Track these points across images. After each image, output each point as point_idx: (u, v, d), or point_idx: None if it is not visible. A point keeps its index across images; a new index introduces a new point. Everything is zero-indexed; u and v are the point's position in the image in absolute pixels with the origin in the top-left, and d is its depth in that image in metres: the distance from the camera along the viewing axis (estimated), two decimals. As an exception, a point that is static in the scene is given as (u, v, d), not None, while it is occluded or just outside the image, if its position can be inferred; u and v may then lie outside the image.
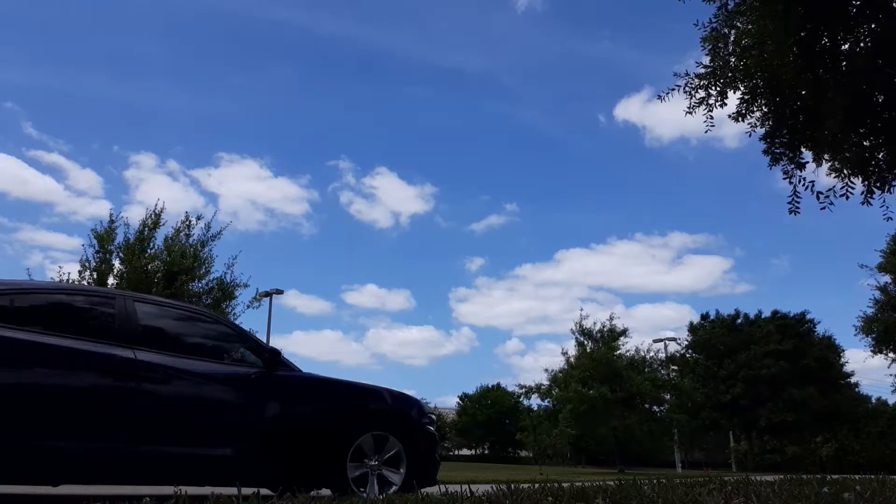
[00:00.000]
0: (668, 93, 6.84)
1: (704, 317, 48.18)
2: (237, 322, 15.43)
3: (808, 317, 46.33)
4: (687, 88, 6.77)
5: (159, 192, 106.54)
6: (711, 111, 6.73)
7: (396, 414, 5.56)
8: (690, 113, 6.76)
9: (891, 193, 6.53)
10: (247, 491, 3.49)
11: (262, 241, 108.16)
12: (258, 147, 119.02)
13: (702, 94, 6.71)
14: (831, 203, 6.51)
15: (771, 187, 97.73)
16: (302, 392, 5.28)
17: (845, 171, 6.55)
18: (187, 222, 15.41)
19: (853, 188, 6.48)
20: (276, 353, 5.21)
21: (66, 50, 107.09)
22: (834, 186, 6.55)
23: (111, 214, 14.73)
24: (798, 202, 6.54)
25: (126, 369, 4.51)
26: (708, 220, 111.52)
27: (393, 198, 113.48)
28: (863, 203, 6.51)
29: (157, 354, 4.71)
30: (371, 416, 5.40)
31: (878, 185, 6.50)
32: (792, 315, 46.61)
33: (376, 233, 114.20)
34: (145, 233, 14.76)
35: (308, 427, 5.07)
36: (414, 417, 5.64)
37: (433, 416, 6.00)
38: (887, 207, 6.54)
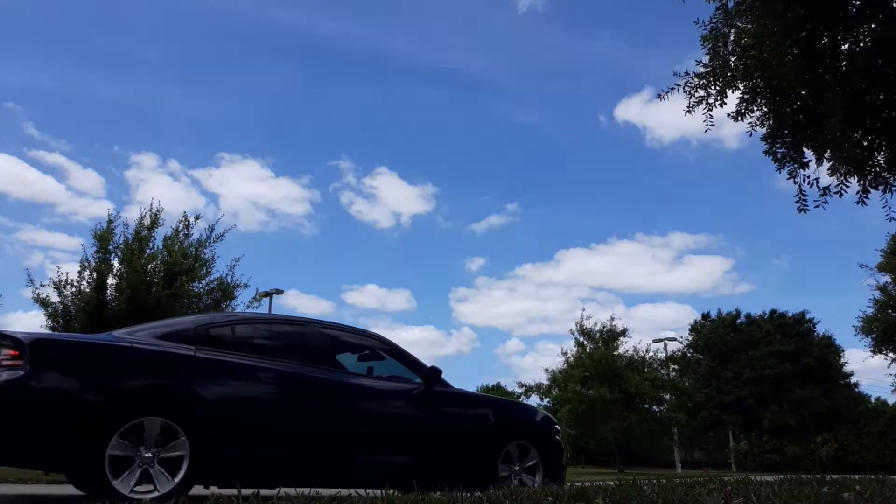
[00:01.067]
0: (667, 92, 6.84)
1: (705, 316, 48.22)
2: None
3: (808, 317, 46.39)
4: (686, 88, 6.77)
5: (160, 193, 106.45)
6: (711, 110, 6.73)
7: (535, 427, 6.34)
8: (690, 112, 6.76)
9: (891, 193, 6.53)
10: (246, 491, 3.49)
11: (263, 241, 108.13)
12: (259, 147, 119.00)
13: (701, 93, 6.71)
14: (826, 201, 6.53)
15: (772, 187, 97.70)
16: (461, 406, 6.16)
17: (842, 171, 6.56)
18: (185, 222, 15.40)
19: (848, 186, 6.50)
20: (437, 372, 5.92)
21: (68, 50, 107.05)
22: (829, 185, 6.59)
23: (109, 214, 14.72)
24: (805, 200, 6.58)
25: (328, 388, 5.30)
26: (708, 220, 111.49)
27: (393, 198, 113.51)
28: (858, 202, 6.53)
29: (347, 374, 5.59)
30: (516, 428, 6.16)
31: (873, 184, 6.51)
32: (791, 315, 46.64)
33: (377, 233, 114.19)
34: (143, 232, 14.74)
35: (468, 435, 5.88)
36: (548, 430, 6.37)
37: (559, 428, 6.66)
38: (889, 207, 6.56)
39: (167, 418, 4.55)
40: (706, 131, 6.96)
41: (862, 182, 6.52)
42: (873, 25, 6.04)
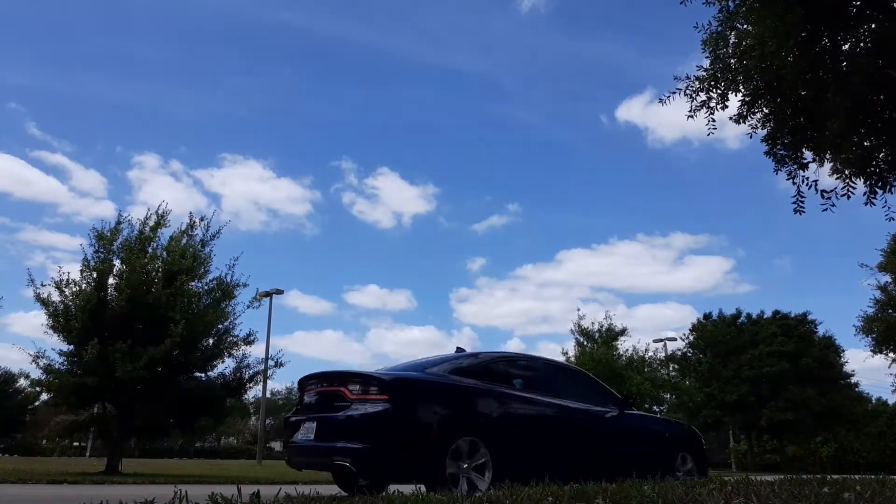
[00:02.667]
0: (668, 96, 6.83)
1: (706, 316, 48.14)
2: (237, 322, 15.46)
3: (810, 317, 46.37)
4: (688, 92, 6.75)
5: (162, 193, 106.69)
6: (713, 114, 6.71)
7: (693, 440, 8.27)
8: (692, 117, 6.75)
9: (892, 193, 6.53)
10: (248, 490, 3.50)
11: (265, 241, 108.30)
12: (261, 148, 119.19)
13: (703, 97, 6.70)
14: (833, 204, 6.51)
15: (773, 188, 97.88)
16: (646, 424, 8.38)
17: (846, 172, 6.55)
18: (192, 223, 15.42)
19: (854, 188, 6.48)
20: (627, 399, 7.85)
21: (70, 51, 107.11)
22: (836, 187, 6.56)
23: (119, 216, 14.79)
24: (802, 202, 6.56)
25: (564, 412, 7.01)
26: (709, 220, 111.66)
27: (395, 198, 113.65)
28: (865, 203, 6.52)
29: (571, 402, 7.19)
30: (681, 442, 8.11)
31: (879, 185, 6.50)
32: (793, 315, 46.62)
33: (378, 233, 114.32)
34: (146, 233, 14.76)
35: (649, 444, 7.80)
36: (699, 442, 8.31)
37: (703, 440, 8.53)
38: (889, 207, 6.55)
39: (474, 437, 5.95)
40: (709, 135, 6.95)
41: (868, 183, 6.51)
42: (874, 26, 6.03)
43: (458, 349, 7.56)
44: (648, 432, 8.05)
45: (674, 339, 45.44)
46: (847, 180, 6.51)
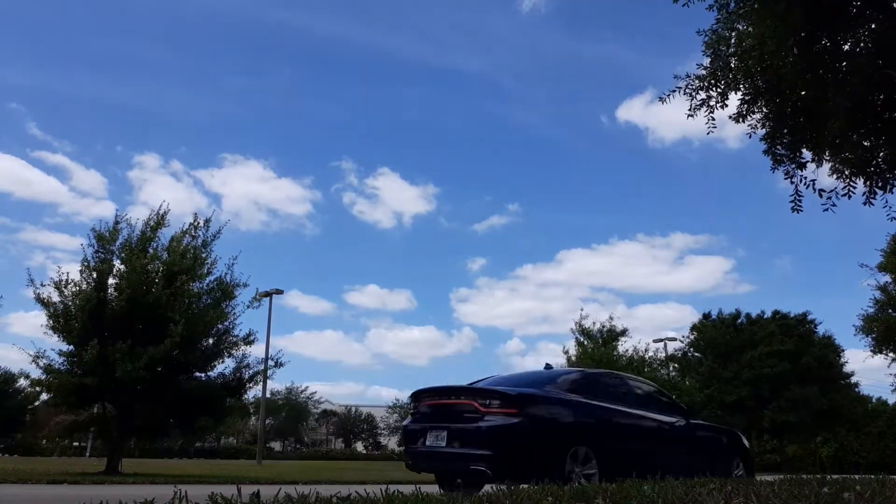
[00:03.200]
0: (668, 94, 6.82)
1: (706, 316, 48.11)
2: (237, 322, 15.46)
3: (810, 317, 46.35)
4: (688, 90, 6.75)
5: (163, 193, 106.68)
6: (713, 113, 6.71)
7: (743, 446, 9.57)
8: (692, 115, 6.74)
9: (892, 193, 6.53)
10: (248, 490, 3.50)
11: (265, 241, 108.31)
12: (261, 148, 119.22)
13: (703, 95, 6.69)
14: (833, 204, 6.51)
15: (773, 188, 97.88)
16: (708, 431, 9.26)
17: (846, 172, 6.55)
18: (195, 223, 15.41)
19: (854, 188, 6.48)
20: (692, 410, 9.24)
21: (70, 51, 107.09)
22: (836, 187, 6.55)
23: (116, 215, 14.76)
24: (800, 201, 6.55)
25: (649, 422, 8.11)
26: (710, 220, 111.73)
27: (395, 198, 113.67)
28: (865, 203, 6.52)
29: (651, 412, 8.23)
30: (736, 447, 9.38)
31: (879, 185, 6.50)
32: (793, 315, 46.60)
33: (378, 233, 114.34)
34: (148, 233, 14.75)
35: (713, 450, 8.96)
36: (747, 448, 9.64)
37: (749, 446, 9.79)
38: (889, 207, 6.55)
39: (586, 445, 6.84)
40: (709, 133, 6.94)
41: (868, 183, 6.50)
42: (874, 26, 6.03)
43: (547, 365, 8.92)
44: (710, 439, 9.22)
45: (674, 340, 45.45)
46: (847, 180, 6.51)
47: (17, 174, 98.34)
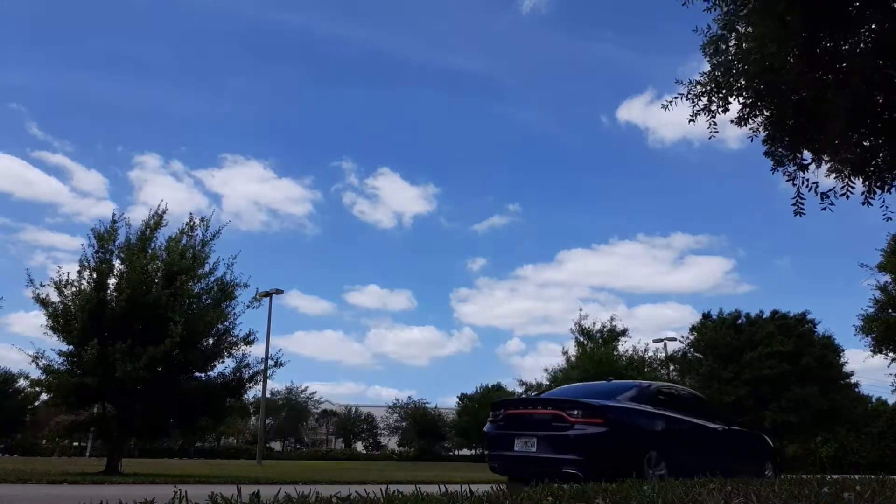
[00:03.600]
0: (671, 101, 6.82)
1: (706, 316, 48.07)
2: (237, 322, 15.45)
3: (809, 317, 46.31)
4: (689, 96, 6.75)
5: (163, 193, 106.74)
6: (714, 117, 6.71)
7: (771, 448, 10.83)
8: (693, 121, 6.74)
9: (890, 193, 6.53)
10: (248, 490, 3.50)
11: (265, 241, 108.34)
12: (262, 148, 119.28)
13: (704, 101, 6.69)
14: (832, 203, 6.51)
15: (773, 188, 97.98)
16: (745, 436, 10.42)
17: (845, 172, 6.55)
18: (191, 223, 15.39)
19: (853, 188, 6.48)
20: (731, 418, 10.86)
21: (71, 51, 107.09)
22: (834, 187, 6.56)
23: (114, 214, 14.74)
24: (802, 203, 6.56)
25: (702, 428, 9.20)
26: (710, 220, 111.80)
27: (395, 198, 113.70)
28: (863, 203, 6.52)
29: (700, 420, 9.28)
30: (767, 451, 10.61)
31: (878, 185, 6.50)
32: (792, 315, 46.56)
33: (379, 233, 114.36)
34: (147, 233, 14.74)
35: (749, 452, 10.13)
36: (776, 451, 11.09)
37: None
38: (887, 207, 6.55)
39: (658, 450, 7.88)
40: (710, 138, 6.94)
41: (867, 183, 6.50)
42: (874, 26, 6.03)
43: (609, 378, 10.34)
44: (746, 442, 10.39)
45: (674, 340, 45.45)
46: (846, 180, 6.51)
47: (17, 174, 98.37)
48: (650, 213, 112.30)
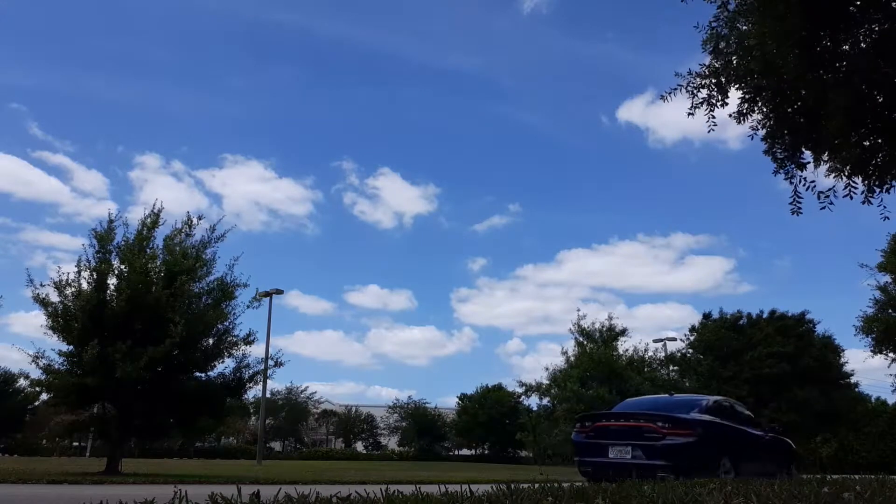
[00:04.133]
0: (670, 92, 6.81)
1: (707, 316, 48.05)
2: (237, 322, 15.45)
3: (808, 317, 46.27)
4: (689, 88, 6.74)
5: (164, 193, 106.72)
6: (713, 111, 6.70)
7: (794, 450, 12.38)
8: (692, 114, 6.74)
9: (889, 193, 6.52)
10: (248, 490, 3.50)
11: (266, 241, 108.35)
12: (263, 148, 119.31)
13: (704, 93, 6.68)
14: (831, 203, 6.50)
15: (773, 188, 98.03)
16: (778, 441, 11.90)
17: (845, 172, 6.54)
18: (188, 222, 15.37)
19: (856, 188, 6.47)
20: (769, 425, 12.61)
21: (71, 51, 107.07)
22: (834, 186, 6.55)
23: (110, 214, 14.72)
24: (800, 203, 6.54)
25: (751, 435, 10.87)
26: (710, 220, 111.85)
27: (396, 198, 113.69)
28: (863, 202, 6.51)
29: (749, 428, 10.95)
30: (791, 452, 12.21)
31: (877, 184, 6.49)
32: (791, 315, 46.51)
33: (379, 233, 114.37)
34: (144, 232, 14.72)
35: (780, 453, 11.67)
36: (796, 453, 12.61)
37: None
38: (885, 207, 6.53)
39: (728, 456, 9.39)
40: (709, 132, 6.93)
41: (867, 182, 6.49)
42: (874, 26, 6.03)
43: (670, 393, 13.32)
44: (778, 446, 11.84)
45: (674, 340, 45.42)
46: (846, 180, 6.50)
47: (18, 174, 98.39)
48: (650, 213, 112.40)
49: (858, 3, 6.01)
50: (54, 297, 13.85)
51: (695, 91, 6.71)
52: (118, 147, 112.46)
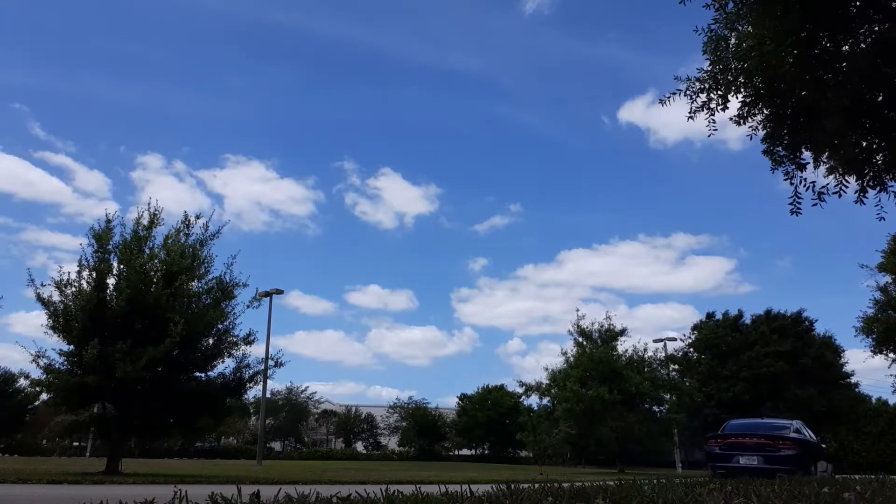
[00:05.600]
0: (669, 97, 6.80)
1: (710, 316, 48.03)
2: (237, 322, 15.45)
3: (805, 315, 46.22)
4: (688, 93, 6.72)
5: (166, 194, 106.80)
6: (713, 115, 6.69)
7: (825, 452, 16.50)
8: (692, 118, 6.72)
9: (887, 193, 6.51)
10: (248, 490, 3.50)
11: (267, 241, 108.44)
12: (264, 149, 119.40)
13: (703, 98, 6.67)
14: (824, 200, 6.50)
15: (774, 189, 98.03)
16: (817, 445, 15.39)
17: (841, 171, 6.54)
18: (187, 222, 15.35)
19: (847, 186, 6.47)
20: (824, 438, 19.98)
21: (73, 52, 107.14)
22: (827, 184, 6.55)
23: (107, 214, 14.70)
24: (800, 203, 6.54)
25: (814, 442, 15.44)
26: (711, 221, 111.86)
27: (397, 198, 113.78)
28: (856, 202, 6.50)
29: (815, 438, 16.08)
30: (823, 453, 15.81)
31: (871, 184, 6.49)
32: (788, 314, 46.49)
33: (380, 233, 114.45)
34: (141, 232, 14.70)
35: (815, 454, 14.64)
36: (826, 453, 16.64)
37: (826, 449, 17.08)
38: (881, 207, 6.53)
39: (814, 461, 14.07)
40: (710, 136, 6.92)
41: (860, 181, 6.49)
42: (873, 26, 6.02)
43: (765, 418, 16.80)
44: (823, 447, 15.85)
45: (674, 339, 45.44)
46: (840, 178, 6.50)
47: (20, 175, 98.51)
48: (651, 214, 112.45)
49: (858, 3, 6.01)
50: (55, 297, 13.86)
51: (694, 96, 6.70)
52: (120, 147, 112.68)
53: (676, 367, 44.29)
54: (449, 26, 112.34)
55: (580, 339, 31.58)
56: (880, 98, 6.24)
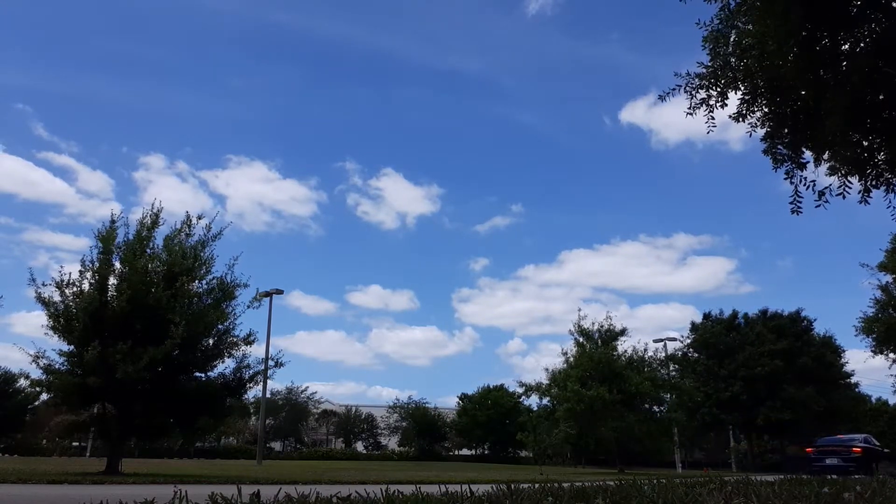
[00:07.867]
0: (669, 93, 6.80)
1: (707, 316, 48.03)
2: (238, 322, 15.43)
3: (803, 314, 46.17)
4: (688, 88, 6.73)
5: (168, 194, 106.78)
6: (712, 111, 6.69)
7: (882, 452, 26.46)
8: (691, 114, 6.73)
9: (893, 193, 6.51)
10: (248, 490, 3.50)
11: (269, 241, 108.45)
12: (266, 149, 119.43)
13: (703, 94, 6.67)
14: (826, 201, 6.50)
15: (775, 189, 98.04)
16: (879, 450, 25.50)
17: (843, 171, 6.53)
18: (188, 222, 15.35)
19: (850, 187, 6.47)
20: (882, 446, 28.84)
21: (76, 52, 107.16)
22: (830, 185, 6.54)
23: (112, 214, 14.69)
24: (800, 202, 6.54)
25: (876, 446, 26.01)
26: (712, 221, 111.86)
27: (399, 199, 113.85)
28: (860, 202, 6.51)
29: (876, 446, 25.99)
30: (881, 453, 25.86)
31: (874, 184, 6.49)
32: (786, 314, 46.44)
33: (382, 234, 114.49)
34: (143, 233, 14.70)
35: (878, 456, 24.60)
36: (882, 451, 26.43)
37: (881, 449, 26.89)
38: (892, 207, 6.53)
39: (875, 462, 23.19)
40: (708, 132, 6.92)
41: (863, 181, 6.49)
42: (874, 25, 6.02)
43: (842, 433, 27.71)
44: (886, 454, 24.58)
45: (674, 340, 45.41)
46: (843, 179, 6.49)
47: (22, 175, 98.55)
48: (652, 214, 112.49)
49: (858, 3, 6.00)
50: (56, 298, 13.84)
51: (693, 92, 6.70)
52: (123, 148, 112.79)
53: (676, 367, 44.28)
54: (451, 27, 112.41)
55: (581, 340, 31.56)
56: (881, 98, 6.24)
